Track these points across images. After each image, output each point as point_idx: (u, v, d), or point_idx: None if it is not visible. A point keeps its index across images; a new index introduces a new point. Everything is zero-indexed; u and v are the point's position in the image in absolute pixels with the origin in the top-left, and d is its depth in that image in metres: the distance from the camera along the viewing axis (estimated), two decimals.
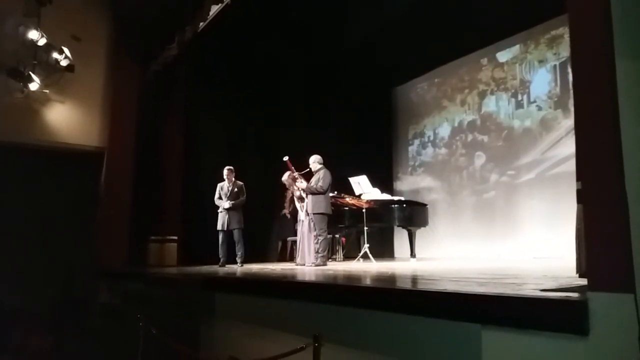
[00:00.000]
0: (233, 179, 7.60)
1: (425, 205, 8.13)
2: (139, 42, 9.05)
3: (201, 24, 7.71)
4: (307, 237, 6.81)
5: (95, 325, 6.34)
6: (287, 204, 8.61)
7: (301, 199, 6.99)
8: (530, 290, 2.59)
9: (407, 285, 3.50)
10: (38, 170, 8.65)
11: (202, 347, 4.81)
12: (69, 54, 8.34)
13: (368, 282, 3.94)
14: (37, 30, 8.11)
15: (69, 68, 8.44)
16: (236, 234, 7.45)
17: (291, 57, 9.41)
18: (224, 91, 9.24)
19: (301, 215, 7.08)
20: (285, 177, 7.27)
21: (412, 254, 7.53)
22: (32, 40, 8.11)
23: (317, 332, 3.10)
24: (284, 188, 8.06)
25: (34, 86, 8.18)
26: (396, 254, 10.06)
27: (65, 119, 8.58)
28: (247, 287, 4.63)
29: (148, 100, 9.00)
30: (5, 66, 8.02)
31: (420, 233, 7.87)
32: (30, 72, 8.12)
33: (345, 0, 8.15)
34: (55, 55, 8.32)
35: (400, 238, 9.40)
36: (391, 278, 4.30)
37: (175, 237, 8.46)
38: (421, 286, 3.33)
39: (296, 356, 3.15)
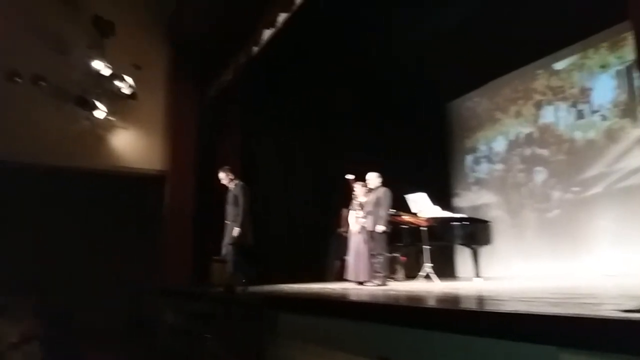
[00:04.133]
0: (235, 181, 6.69)
1: (488, 222, 7.87)
2: (196, 68, 9.40)
3: (254, 48, 7.90)
4: (360, 253, 6.75)
5: (163, 344, 6.51)
6: (343, 222, 8.58)
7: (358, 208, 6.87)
8: (609, 310, 2.45)
9: (476, 306, 3.40)
10: (105, 194, 9.09)
11: None
12: (131, 82, 8.76)
13: (434, 302, 3.85)
14: (101, 60, 8.57)
15: (132, 96, 8.85)
16: (229, 252, 6.29)
17: (344, 76, 9.47)
18: (278, 112, 9.40)
19: (353, 228, 7.00)
20: (360, 191, 7.02)
21: (477, 274, 7.29)
22: (96, 70, 8.58)
23: (383, 354, 3.05)
24: (340, 206, 8.02)
25: (99, 114, 8.62)
26: (458, 273, 9.78)
27: (129, 144, 8.99)
28: (310, 307, 4.63)
29: (206, 124, 9.31)
30: (72, 96, 8.51)
31: (482, 251, 7.63)
32: (96, 101, 8.57)
33: (396, 16, 8.15)
34: (118, 83, 8.76)
35: (462, 256, 9.13)
36: (458, 299, 4.20)
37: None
38: (490, 307, 3.23)
39: None
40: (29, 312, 5.23)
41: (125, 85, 8.76)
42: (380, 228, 6.42)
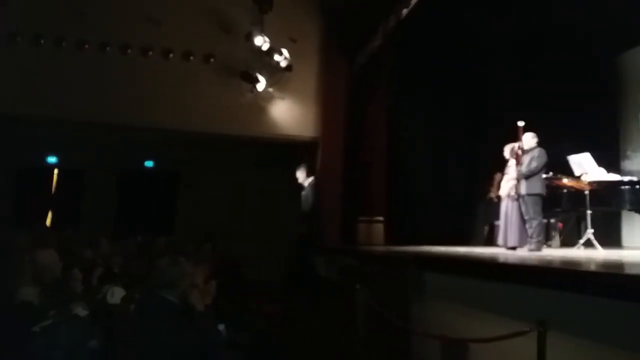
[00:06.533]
0: (309, 179, 7.29)
1: None
2: (346, 36, 9.59)
3: (404, 10, 7.81)
4: (511, 217, 6.46)
5: (317, 296, 7.04)
6: (495, 186, 8.26)
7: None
8: None
9: None
10: (266, 159, 9.98)
11: (414, 323, 4.96)
12: (287, 55, 9.28)
13: (596, 267, 3.63)
14: (261, 36, 9.20)
15: (288, 68, 9.36)
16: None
17: (500, 29, 8.88)
18: (426, 76, 9.24)
19: (504, 191, 6.68)
20: (507, 151, 6.73)
21: None
22: (257, 46, 9.24)
23: (539, 317, 2.98)
24: (493, 170, 7.72)
25: (260, 86, 9.31)
26: (624, 242, 8.83)
27: (286, 113, 9.63)
28: (459, 268, 4.64)
29: (355, 91, 9.55)
30: (237, 71, 9.32)
31: None
32: (257, 74, 9.29)
33: None
34: (276, 57, 9.33)
35: (630, 224, 8.23)
36: (623, 265, 3.89)
37: (382, 218, 8.83)
38: None
39: (513, 341, 3.08)
40: (207, 257, 6.05)
41: (282, 58, 9.31)
42: (534, 191, 6.07)
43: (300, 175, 7.71)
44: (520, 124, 6.37)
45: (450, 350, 4.09)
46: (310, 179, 7.62)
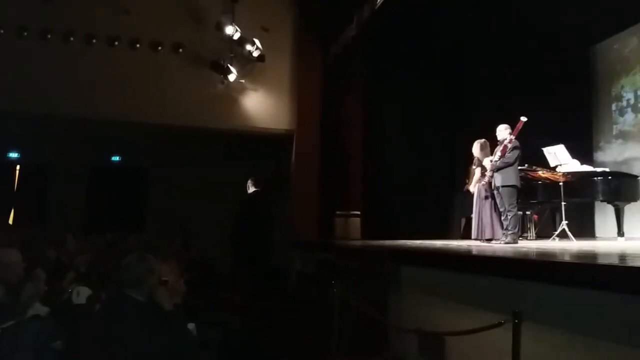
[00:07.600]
0: (252, 188, 6.93)
1: (637, 177, 7.06)
2: (320, 27, 9.48)
3: (379, 0, 7.72)
4: (487, 210, 6.46)
5: (293, 290, 6.95)
6: (469, 179, 8.27)
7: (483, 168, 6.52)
8: None
9: (621, 262, 3.14)
10: (239, 152, 9.78)
11: (390, 317, 4.92)
12: (259, 45, 9.09)
13: (570, 258, 3.63)
14: (232, 25, 8.98)
15: (260, 58, 9.19)
16: None
17: (475, 21, 8.88)
18: (403, 67, 9.19)
19: (480, 183, 6.68)
20: (477, 150, 6.72)
21: (620, 233, 6.66)
22: (228, 35, 9.02)
23: (514, 309, 2.95)
24: (469, 162, 7.70)
25: (232, 77, 9.11)
26: (597, 233, 8.99)
27: (259, 105, 9.45)
28: (435, 262, 4.62)
29: (330, 83, 9.43)
30: (207, 61, 9.08)
31: (627, 209, 6.90)
32: (229, 65, 9.06)
33: None
34: (248, 47, 9.13)
35: (602, 215, 8.36)
36: (597, 255, 3.90)
37: (359, 213, 8.78)
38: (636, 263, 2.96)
39: (489, 333, 3.05)
40: (177, 254, 5.88)
41: (254, 48, 9.11)
42: (508, 183, 6.07)
43: (249, 185, 7.21)
44: (523, 119, 6.25)
45: (427, 343, 4.06)
46: (253, 189, 7.03)
